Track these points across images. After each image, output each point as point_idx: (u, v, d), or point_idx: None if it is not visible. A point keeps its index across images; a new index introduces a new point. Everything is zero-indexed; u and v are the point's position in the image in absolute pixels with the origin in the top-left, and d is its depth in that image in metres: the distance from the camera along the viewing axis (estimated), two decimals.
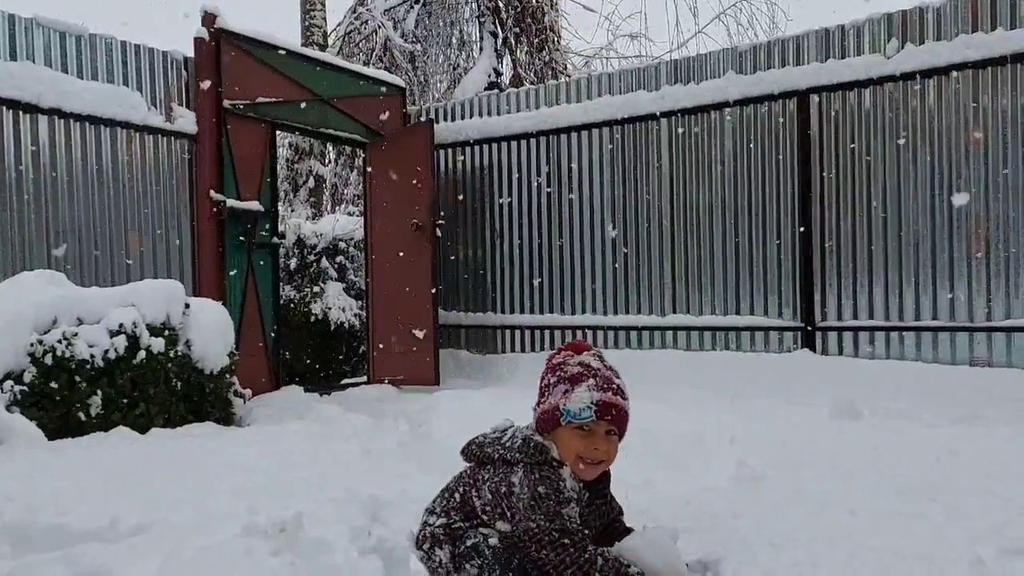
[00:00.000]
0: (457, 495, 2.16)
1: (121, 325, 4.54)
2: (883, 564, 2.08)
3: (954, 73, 5.87)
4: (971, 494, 2.76)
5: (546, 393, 2.12)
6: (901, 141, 6.12)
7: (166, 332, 4.78)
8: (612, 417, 2.03)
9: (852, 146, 6.31)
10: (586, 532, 1.98)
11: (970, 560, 2.06)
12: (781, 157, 6.60)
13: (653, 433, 3.99)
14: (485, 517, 2.08)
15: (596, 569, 1.87)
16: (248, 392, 5.59)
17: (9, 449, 3.70)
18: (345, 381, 8.40)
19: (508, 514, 2.01)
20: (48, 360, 4.26)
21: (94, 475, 3.29)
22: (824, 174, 6.42)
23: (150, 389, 4.64)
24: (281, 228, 7.98)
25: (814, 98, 6.43)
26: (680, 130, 7.02)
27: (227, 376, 5.18)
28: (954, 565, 2.04)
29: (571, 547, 1.90)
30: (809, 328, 6.44)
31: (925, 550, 2.16)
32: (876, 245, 6.22)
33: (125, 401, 4.52)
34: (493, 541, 2.04)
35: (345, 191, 14.25)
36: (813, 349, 6.39)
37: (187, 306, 5.01)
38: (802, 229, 6.48)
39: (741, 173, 6.76)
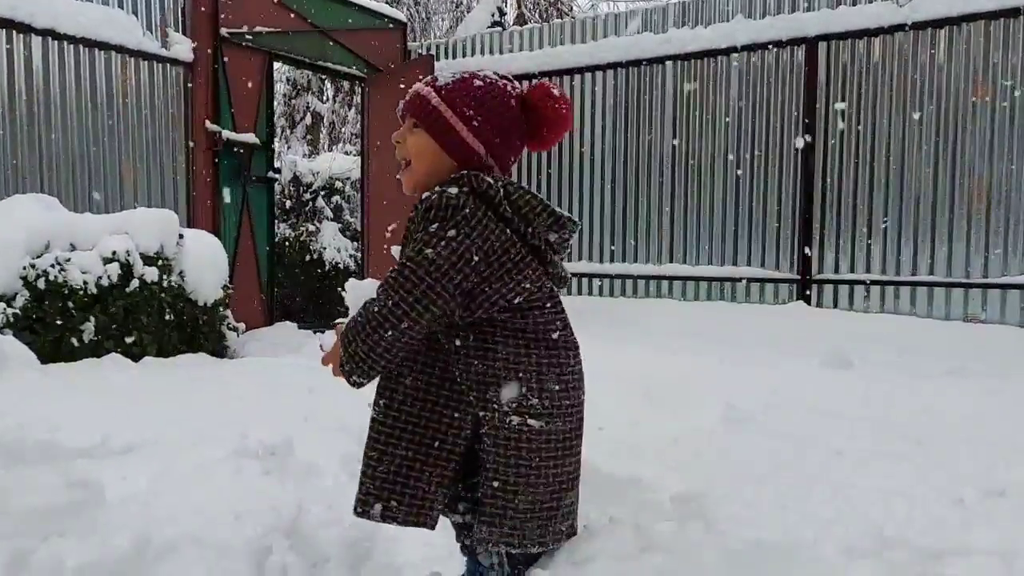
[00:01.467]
0: None
1: (115, 253, 4.52)
2: (866, 500, 2.10)
3: (965, 25, 5.77)
4: (957, 440, 2.78)
5: None
6: (907, 95, 6.04)
7: (160, 262, 4.75)
8: (403, 106, 1.66)
9: (858, 98, 6.23)
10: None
11: (952, 499, 2.09)
12: (786, 106, 6.51)
13: (643, 376, 4.01)
14: None
15: None
16: (242, 326, 5.59)
17: (0, 370, 3.70)
18: (339, 320, 8.41)
19: None
20: (41, 284, 4.24)
21: (86, 397, 3.30)
22: (828, 126, 6.35)
23: (143, 318, 4.63)
24: (277, 164, 7.89)
25: (823, 46, 6.32)
26: (685, 75, 6.90)
27: (221, 309, 5.17)
28: (936, 504, 2.07)
29: None
30: (805, 280, 6.44)
31: (908, 489, 2.19)
32: (877, 199, 6.18)
33: (117, 329, 4.52)
34: None
35: (343, 130, 14.09)
36: (808, 301, 6.40)
37: (181, 237, 4.97)
38: (803, 181, 6.43)
39: (745, 122, 6.68)
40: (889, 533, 1.90)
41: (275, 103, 9.51)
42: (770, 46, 6.48)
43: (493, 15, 11.76)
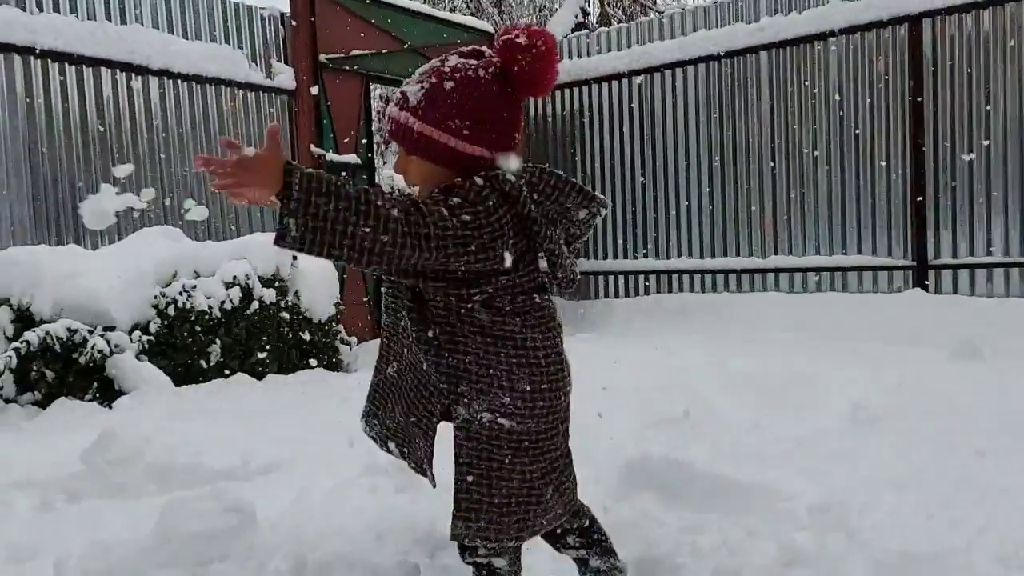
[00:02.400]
0: None
1: (235, 277, 4.75)
2: (1017, 505, 2.01)
3: None
4: None
5: None
6: (1022, 64, 5.70)
7: (276, 283, 4.97)
8: (387, 134, 1.62)
9: (968, 73, 5.92)
10: None
11: None
12: (890, 87, 6.25)
13: (760, 375, 3.93)
14: None
15: None
16: (353, 339, 5.77)
17: (141, 395, 3.95)
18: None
19: None
20: (171, 311, 4.49)
21: (222, 418, 3.49)
22: (938, 104, 6.06)
23: (264, 337, 4.85)
24: (377, 180, 8.10)
25: (927, 23, 6.03)
26: (781, 63, 6.72)
27: (334, 324, 5.36)
28: None
29: None
30: (922, 266, 6.16)
31: None
32: (995, 177, 5.86)
33: (241, 349, 4.75)
34: None
35: None
36: (926, 288, 6.12)
37: (295, 258, 5.18)
38: (914, 162, 6.16)
39: (847, 106, 6.45)
40: None
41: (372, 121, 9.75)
42: (870, 27, 6.23)
43: (576, 15, 11.74)
